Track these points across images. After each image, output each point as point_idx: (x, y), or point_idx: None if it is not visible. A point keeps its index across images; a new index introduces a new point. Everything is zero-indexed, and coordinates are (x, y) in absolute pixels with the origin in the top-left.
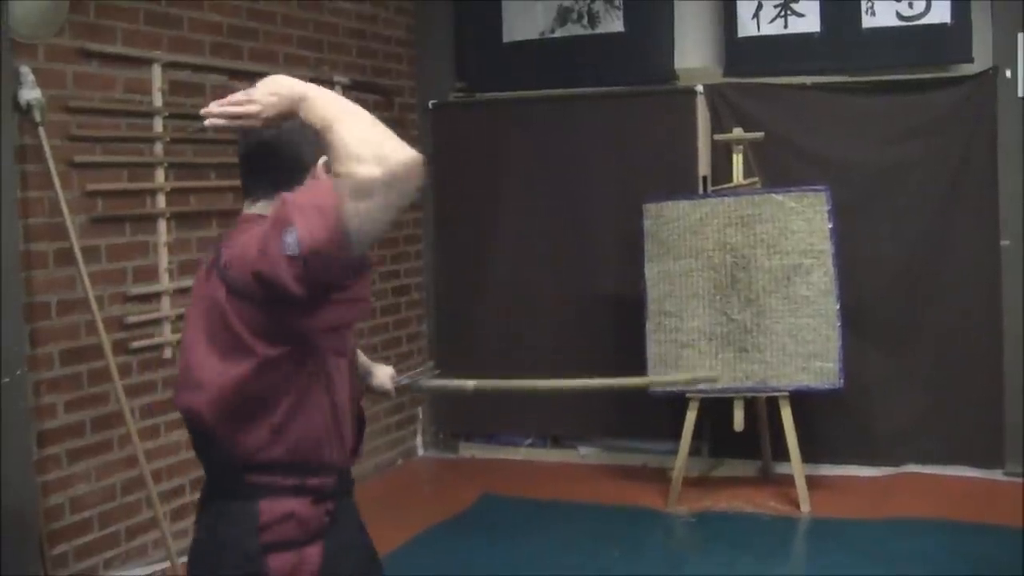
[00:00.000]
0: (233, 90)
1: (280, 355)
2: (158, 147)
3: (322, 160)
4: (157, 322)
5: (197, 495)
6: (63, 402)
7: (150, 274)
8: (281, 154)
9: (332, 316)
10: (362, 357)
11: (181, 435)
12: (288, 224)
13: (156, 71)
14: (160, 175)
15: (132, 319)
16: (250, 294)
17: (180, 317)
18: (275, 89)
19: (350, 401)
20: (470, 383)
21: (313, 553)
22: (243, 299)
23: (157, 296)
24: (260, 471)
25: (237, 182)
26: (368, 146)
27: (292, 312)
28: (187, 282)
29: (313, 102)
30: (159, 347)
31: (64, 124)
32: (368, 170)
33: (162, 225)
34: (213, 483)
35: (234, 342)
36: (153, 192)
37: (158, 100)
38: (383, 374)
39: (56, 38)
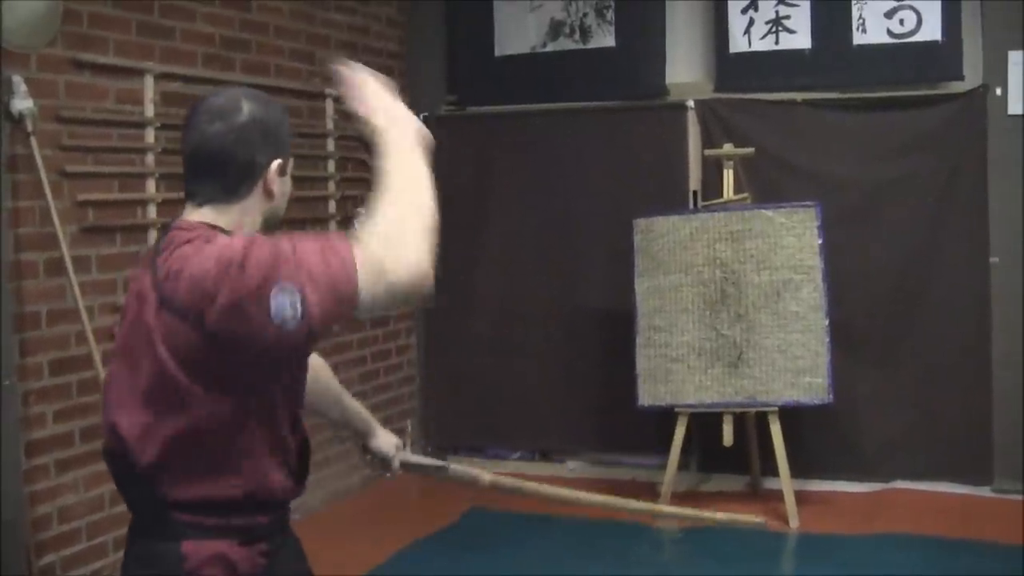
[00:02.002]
0: None
1: (221, 403)
2: (150, 158)
3: (276, 163)
4: None
5: None
6: (52, 412)
7: None
8: (235, 155)
9: (293, 366)
10: (364, 412)
11: None
12: (289, 285)
13: (148, 82)
14: (151, 186)
15: None
16: (191, 320)
17: None
18: (387, 100)
19: (292, 428)
20: (486, 477)
21: None
22: (180, 323)
23: None
24: (185, 509)
25: None
26: (399, 235)
27: (246, 362)
28: None
29: (389, 137)
30: None
31: (56, 134)
32: (391, 266)
33: (153, 236)
34: (136, 519)
35: (168, 389)
36: (144, 203)
37: (150, 111)
38: (387, 441)
39: (48, 48)
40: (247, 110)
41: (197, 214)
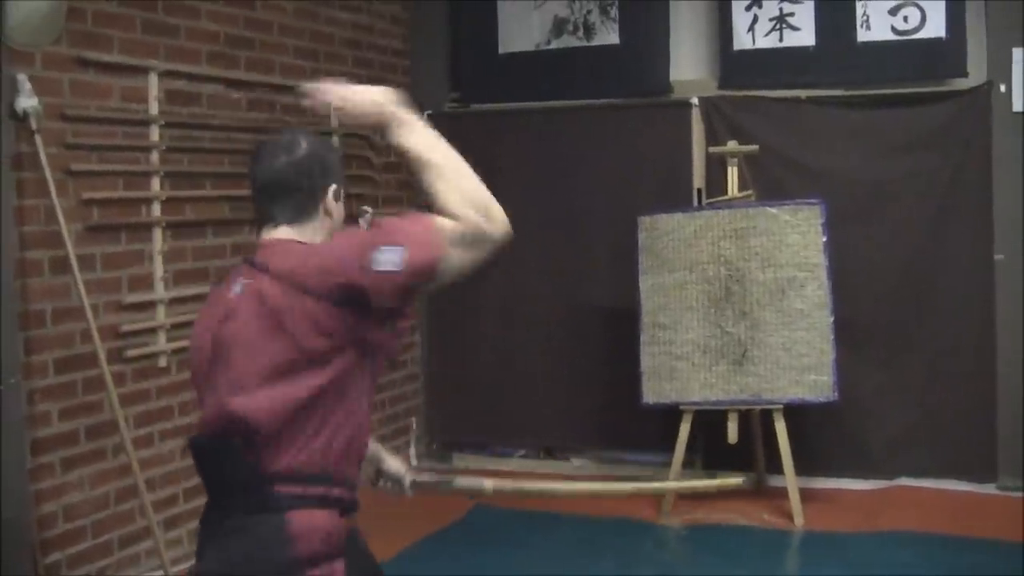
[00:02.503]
0: (228, 99)
1: (346, 367)
2: (154, 156)
3: (332, 188)
4: (152, 331)
5: (191, 504)
6: (57, 410)
7: (145, 283)
8: (299, 184)
9: (397, 331)
10: (373, 443)
11: (175, 444)
12: (392, 244)
13: (153, 80)
14: (156, 184)
15: (127, 328)
16: (336, 301)
17: (175, 326)
18: (378, 99)
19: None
20: (488, 485)
21: (339, 570)
22: (325, 306)
23: (152, 305)
24: (287, 481)
25: (232, 191)
26: (480, 200)
27: (368, 322)
28: (182, 291)
29: (413, 130)
30: (154, 356)
31: (60, 132)
32: (479, 222)
33: (157, 234)
34: (228, 497)
35: (304, 357)
36: (149, 201)
37: (154, 109)
38: (396, 464)
39: (53, 46)
40: (305, 146)
41: (277, 233)
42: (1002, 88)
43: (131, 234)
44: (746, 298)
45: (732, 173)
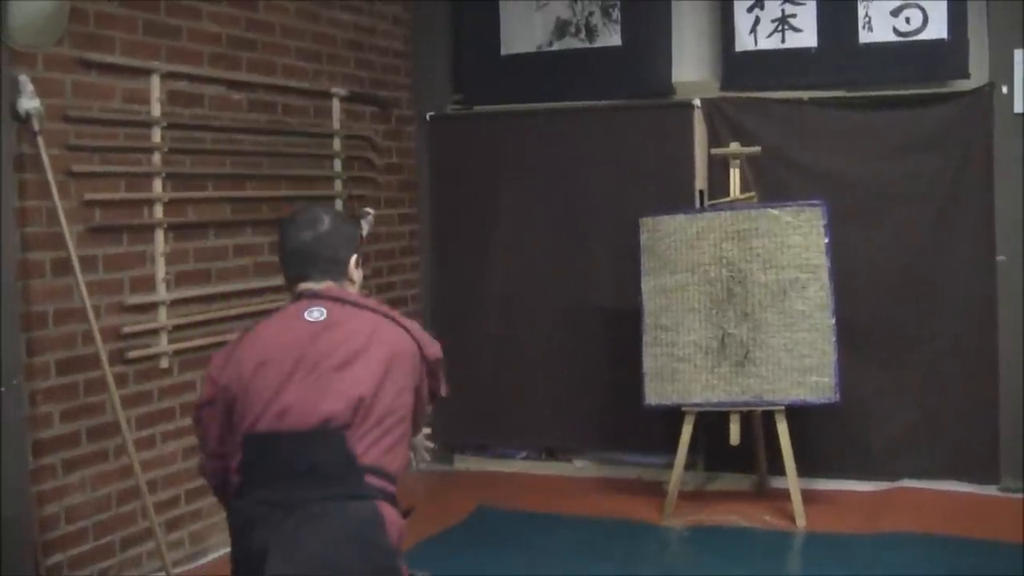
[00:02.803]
0: (230, 101)
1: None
2: (156, 157)
3: (354, 257)
4: (154, 332)
5: (192, 506)
6: (59, 412)
7: (147, 284)
8: (326, 255)
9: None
10: None
11: (177, 446)
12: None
13: (155, 81)
14: (158, 185)
15: (129, 329)
16: (423, 360)
17: (177, 328)
18: None
19: None
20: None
21: (404, 569)
22: (419, 360)
23: (154, 306)
24: (376, 475)
25: (234, 192)
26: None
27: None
28: (184, 293)
29: None
30: (156, 357)
31: (62, 133)
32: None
33: (159, 235)
34: (319, 484)
35: (409, 380)
36: (151, 202)
37: (156, 110)
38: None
39: (55, 47)
40: (327, 221)
41: (327, 284)
42: (1004, 89)
43: (133, 235)
44: (748, 299)
45: (734, 174)
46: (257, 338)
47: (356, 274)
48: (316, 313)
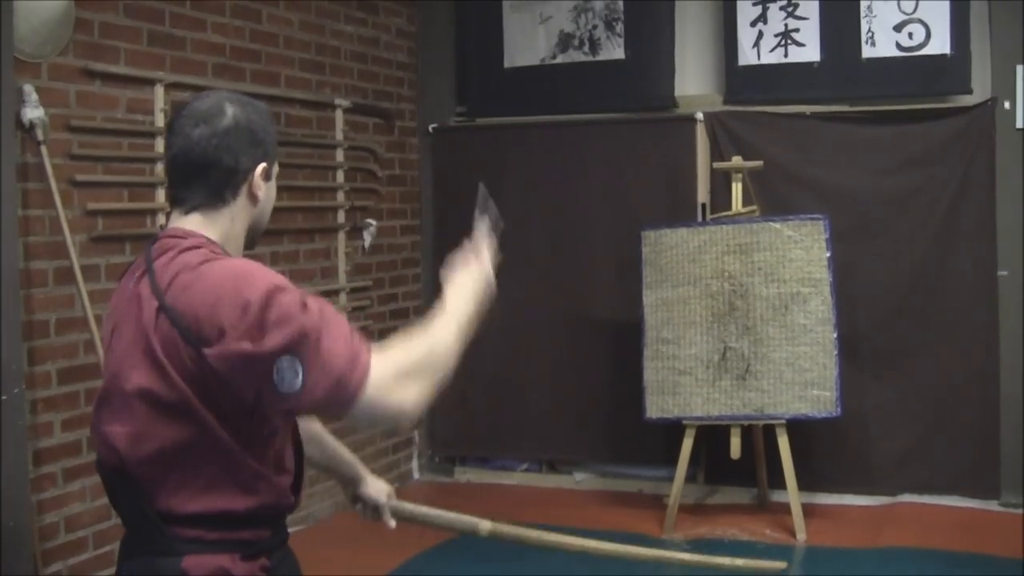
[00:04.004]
0: None
1: (219, 418)
2: (159, 167)
3: (261, 167)
4: None
5: None
6: (60, 421)
7: None
8: (220, 159)
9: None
10: (349, 456)
11: None
12: (299, 364)
13: (158, 91)
14: (160, 195)
15: None
16: (192, 340)
17: None
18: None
19: (293, 441)
20: (485, 525)
21: None
22: (179, 337)
23: None
24: (184, 523)
25: None
26: (414, 377)
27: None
28: None
29: (454, 289)
30: None
31: (66, 143)
32: (394, 397)
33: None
34: (131, 535)
35: (166, 397)
36: (153, 212)
37: (160, 120)
38: (377, 488)
39: (59, 57)
40: (231, 114)
41: (186, 221)
42: (1006, 105)
43: (136, 245)
44: (750, 313)
45: (736, 188)
46: (109, 315)
47: (265, 191)
48: (132, 280)
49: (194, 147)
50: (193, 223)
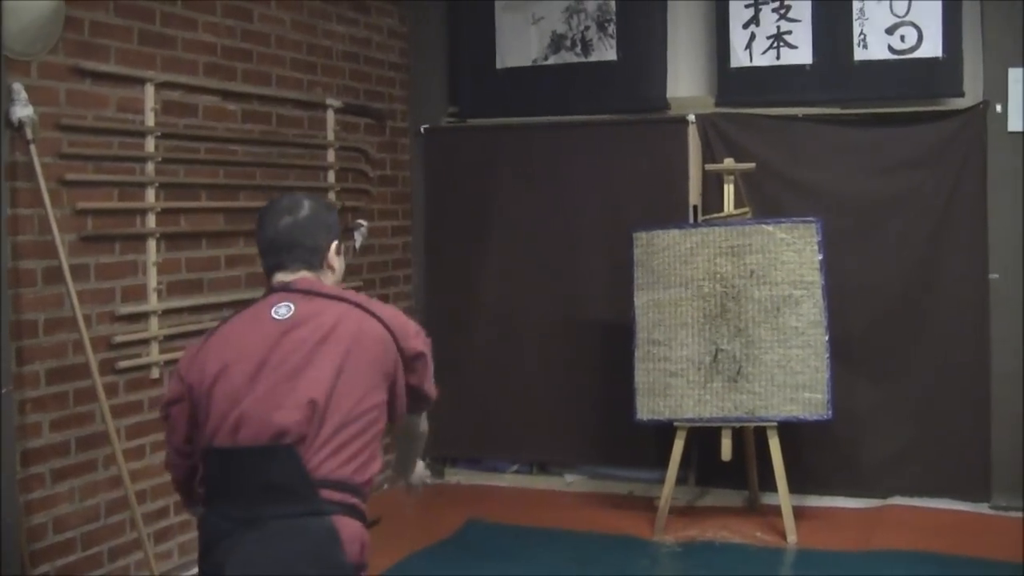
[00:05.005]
0: (225, 111)
1: (384, 406)
2: (149, 166)
3: (334, 244)
4: (145, 342)
5: (181, 517)
6: (48, 421)
7: (139, 294)
8: (304, 242)
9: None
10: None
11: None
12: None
13: (149, 90)
14: (151, 195)
15: (120, 339)
16: (402, 354)
17: (168, 337)
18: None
19: None
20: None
21: None
22: (396, 352)
23: (145, 316)
24: (334, 488)
25: (227, 203)
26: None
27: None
28: (176, 303)
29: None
30: (146, 367)
31: (56, 142)
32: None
33: (152, 245)
34: (272, 499)
35: (377, 377)
36: (143, 211)
37: (150, 119)
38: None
39: (49, 55)
40: (307, 207)
41: (298, 275)
42: (998, 108)
43: (125, 244)
44: (741, 315)
45: (728, 190)
46: (223, 339)
47: (336, 262)
48: (283, 310)
49: (282, 234)
50: (308, 276)
